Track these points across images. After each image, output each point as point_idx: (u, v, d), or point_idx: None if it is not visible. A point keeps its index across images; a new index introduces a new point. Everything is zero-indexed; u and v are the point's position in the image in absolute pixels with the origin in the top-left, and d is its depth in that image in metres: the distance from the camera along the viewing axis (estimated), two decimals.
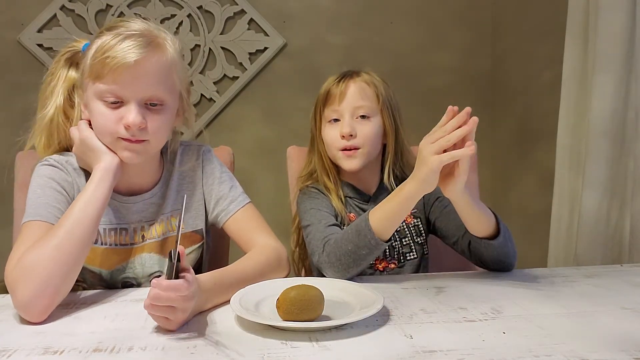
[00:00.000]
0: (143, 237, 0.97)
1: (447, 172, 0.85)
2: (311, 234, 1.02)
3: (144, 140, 0.88)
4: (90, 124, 0.91)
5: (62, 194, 0.90)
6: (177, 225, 0.67)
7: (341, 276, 0.92)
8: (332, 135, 1.09)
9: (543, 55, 1.97)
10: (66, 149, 0.98)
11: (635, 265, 1.11)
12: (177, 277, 0.69)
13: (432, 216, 1.13)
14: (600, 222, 1.40)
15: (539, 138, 2.01)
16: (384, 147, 1.13)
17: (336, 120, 1.09)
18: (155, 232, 0.98)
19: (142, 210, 0.97)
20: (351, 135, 1.06)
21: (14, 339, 0.69)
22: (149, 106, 0.87)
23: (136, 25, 0.88)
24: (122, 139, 0.87)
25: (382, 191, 1.14)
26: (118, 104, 0.86)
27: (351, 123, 1.06)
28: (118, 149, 0.88)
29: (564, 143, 1.54)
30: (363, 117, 1.08)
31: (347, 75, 1.10)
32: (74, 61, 0.96)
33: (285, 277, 0.95)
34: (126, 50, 0.83)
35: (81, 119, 0.93)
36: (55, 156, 0.94)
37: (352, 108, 1.07)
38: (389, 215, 0.90)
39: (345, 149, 1.07)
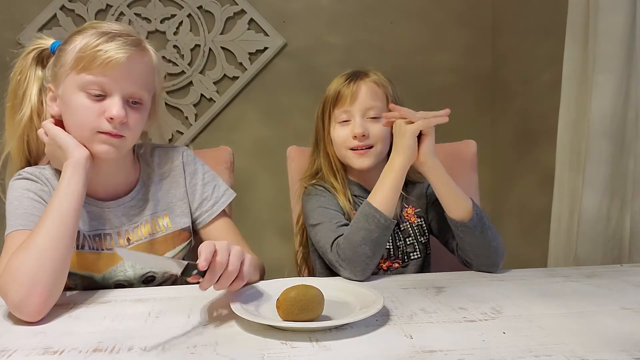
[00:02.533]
0: (128, 240, 0.97)
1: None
2: (321, 232, 1.02)
3: (121, 136, 0.88)
4: (56, 122, 0.90)
5: (40, 202, 0.90)
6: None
7: (359, 272, 0.94)
8: (342, 135, 1.09)
9: (543, 55, 1.97)
10: (37, 154, 0.97)
11: (635, 265, 1.11)
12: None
13: (430, 216, 1.14)
14: (600, 222, 1.40)
15: (539, 138, 2.01)
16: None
17: (346, 121, 1.09)
18: (140, 233, 0.97)
19: (123, 214, 0.97)
20: (363, 136, 1.06)
21: (13, 339, 0.69)
22: (130, 103, 0.89)
23: (118, 26, 0.90)
24: (101, 132, 0.86)
25: None
26: (101, 97, 0.86)
27: (363, 123, 1.07)
28: (95, 143, 0.87)
29: (564, 143, 1.54)
30: (373, 117, 1.08)
31: (356, 76, 1.10)
32: (40, 60, 0.95)
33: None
34: (118, 47, 0.85)
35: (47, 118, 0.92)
36: (29, 169, 0.94)
37: (364, 109, 1.07)
38: (388, 192, 0.96)
39: (357, 149, 1.08)
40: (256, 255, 0.97)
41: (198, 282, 0.72)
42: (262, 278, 0.96)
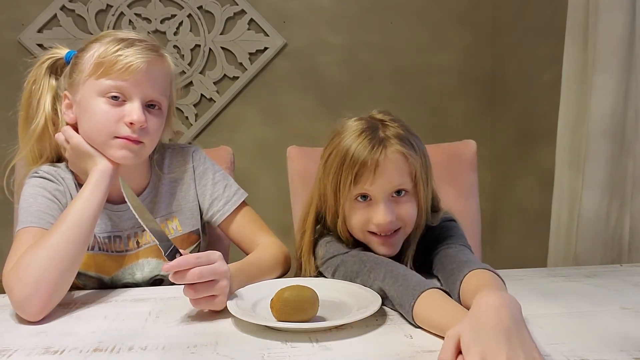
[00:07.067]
0: (138, 243, 0.97)
1: None
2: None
3: (140, 142, 0.88)
4: (75, 129, 0.90)
5: (54, 202, 0.90)
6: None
7: None
8: (362, 219, 0.89)
9: (543, 55, 1.97)
10: (58, 159, 0.97)
11: (635, 265, 1.11)
12: None
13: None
14: (600, 222, 1.40)
15: (539, 138, 2.01)
16: None
17: (365, 196, 0.88)
18: (149, 237, 0.97)
19: (133, 217, 0.96)
20: (390, 222, 0.87)
21: (14, 339, 0.69)
22: (148, 108, 0.89)
23: (135, 33, 0.91)
24: (119, 137, 0.86)
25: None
26: (120, 100, 0.86)
27: (389, 208, 0.87)
28: (113, 148, 0.87)
29: (564, 143, 1.54)
30: (398, 192, 0.88)
31: (378, 140, 0.87)
32: (54, 69, 0.96)
33: (287, 273, 0.97)
34: (138, 52, 0.86)
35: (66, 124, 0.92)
36: (45, 167, 0.94)
37: (389, 190, 0.87)
38: (431, 322, 0.70)
39: (381, 235, 0.89)
40: (283, 244, 1.01)
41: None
42: (287, 270, 0.98)
